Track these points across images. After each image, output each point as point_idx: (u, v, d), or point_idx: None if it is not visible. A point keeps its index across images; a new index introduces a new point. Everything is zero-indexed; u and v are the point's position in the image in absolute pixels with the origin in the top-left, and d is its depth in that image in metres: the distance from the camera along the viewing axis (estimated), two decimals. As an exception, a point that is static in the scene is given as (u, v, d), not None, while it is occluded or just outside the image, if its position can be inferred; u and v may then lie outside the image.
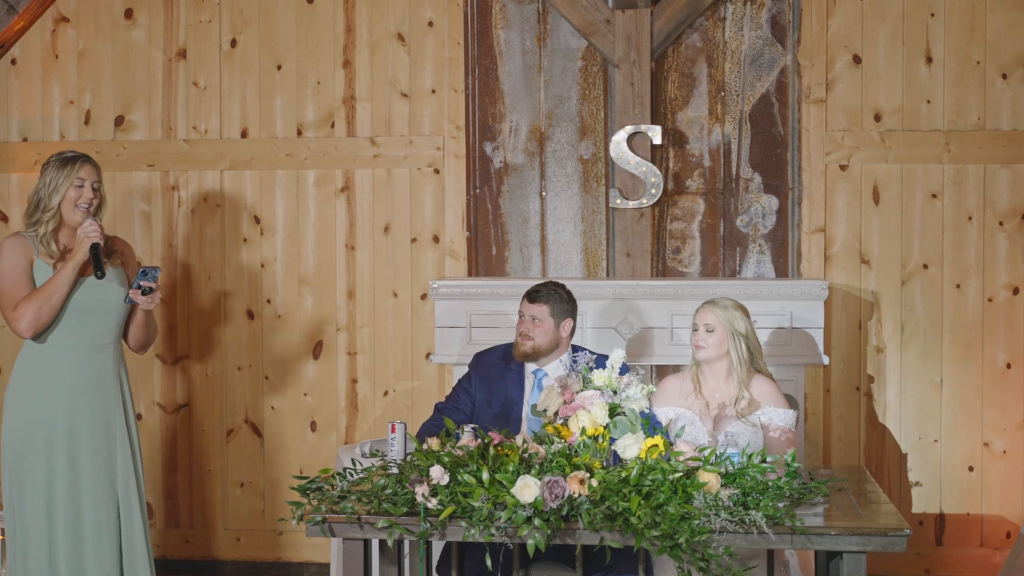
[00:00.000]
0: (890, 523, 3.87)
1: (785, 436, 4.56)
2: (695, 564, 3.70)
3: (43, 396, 4.60)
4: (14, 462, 4.61)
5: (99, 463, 4.63)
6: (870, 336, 5.95)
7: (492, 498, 3.79)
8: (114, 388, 4.71)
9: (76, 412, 4.62)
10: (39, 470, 4.58)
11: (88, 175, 4.64)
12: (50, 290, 4.52)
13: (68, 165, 4.62)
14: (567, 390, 4.19)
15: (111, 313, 4.69)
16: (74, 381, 4.62)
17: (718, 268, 6.03)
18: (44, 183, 4.62)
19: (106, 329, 4.69)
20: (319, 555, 6.18)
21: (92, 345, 4.66)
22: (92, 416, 4.64)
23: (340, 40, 6.16)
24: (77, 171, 4.62)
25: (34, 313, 4.52)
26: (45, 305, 4.52)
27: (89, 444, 4.62)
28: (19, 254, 4.58)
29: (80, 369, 4.64)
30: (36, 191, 4.64)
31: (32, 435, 4.58)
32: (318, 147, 6.17)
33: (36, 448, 4.58)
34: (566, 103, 6.08)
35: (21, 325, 4.53)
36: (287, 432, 6.23)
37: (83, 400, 4.63)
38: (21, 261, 4.58)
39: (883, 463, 5.97)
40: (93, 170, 4.67)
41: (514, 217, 6.11)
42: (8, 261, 4.58)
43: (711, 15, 5.99)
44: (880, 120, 5.92)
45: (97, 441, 4.64)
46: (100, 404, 4.66)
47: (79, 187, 4.62)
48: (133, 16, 6.24)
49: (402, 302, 6.16)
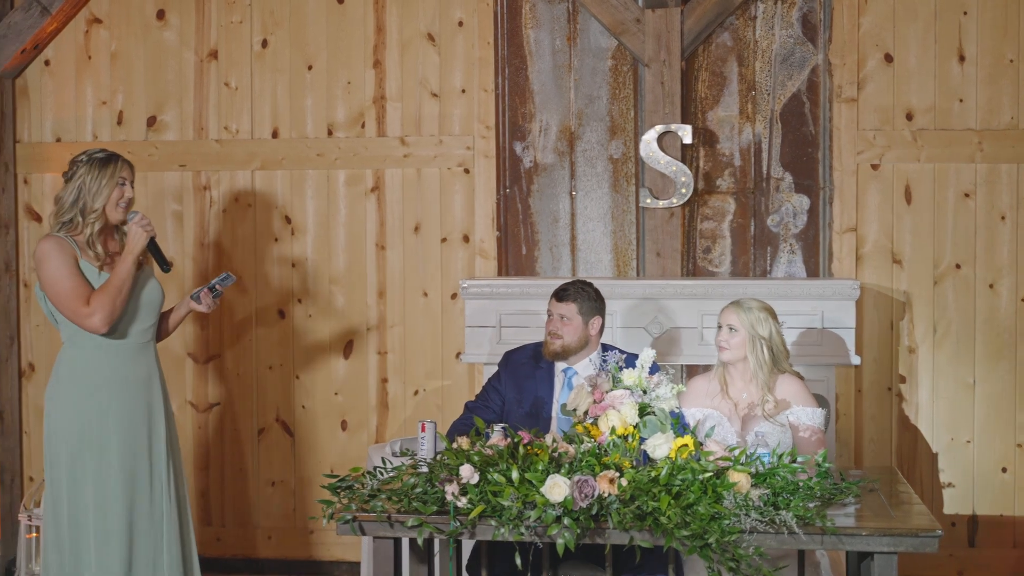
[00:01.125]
0: (922, 524, 3.85)
1: (815, 436, 4.53)
2: (725, 564, 3.69)
3: (92, 395, 4.59)
4: (67, 463, 4.59)
5: (144, 461, 4.65)
6: (902, 336, 5.92)
7: (522, 497, 3.79)
8: (157, 385, 4.74)
9: (124, 410, 4.62)
10: (91, 470, 4.58)
11: (128, 174, 4.66)
12: (117, 283, 4.52)
13: (110, 165, 4.60)
14: (597, 389, 4.19)
15: (152, 311, 4.73)
16: (122, 378, 4.63)
17: (748, 268, 6.01)
18: (83, 184, 4.58)
19: (148, 327, 4.72)
20: (350, 553, 6.20)
21: (137, 343, 4.69)
22: (139, 413, 4.65)
23: (370, 40, 6.18)
24: (119, 171, 4.63)
25: (109, 307, 4.50)
26: (118, 298, 4.52)
27: (137, 442, 4.64)
28: (66, 253, 4.55)
29: (126, 367, 4.65)
30: (74, 192, 4.59)
31: (85, 435, 4.58)
32: (348, 147, 6.19)
33: (89, 448, 4.58)
34: (596, 102, 6.07)
35: (94, 320, 4.51)
36: (318, 431, 6.25)
37: (130, 398, 4.64)
38: (70, 260, 4.54)
39: (915, 464, 5.94)
40: (130, 169, 4.69)
41: (544, 217, 6.11)
42: (59, 262, 4.53)
43: (742, 14, 5.97)
44: (912, 119, 5.89)
45: (142, 438, 4.65)
46: (144, 401, 4.68)
47: (121, 186, 4.63)
48: (165, 17, 6.28)
49: (432, 301, 6.17)
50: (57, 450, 4.61)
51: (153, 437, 4.69)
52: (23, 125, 6.36)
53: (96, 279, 4.57)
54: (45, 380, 6.32)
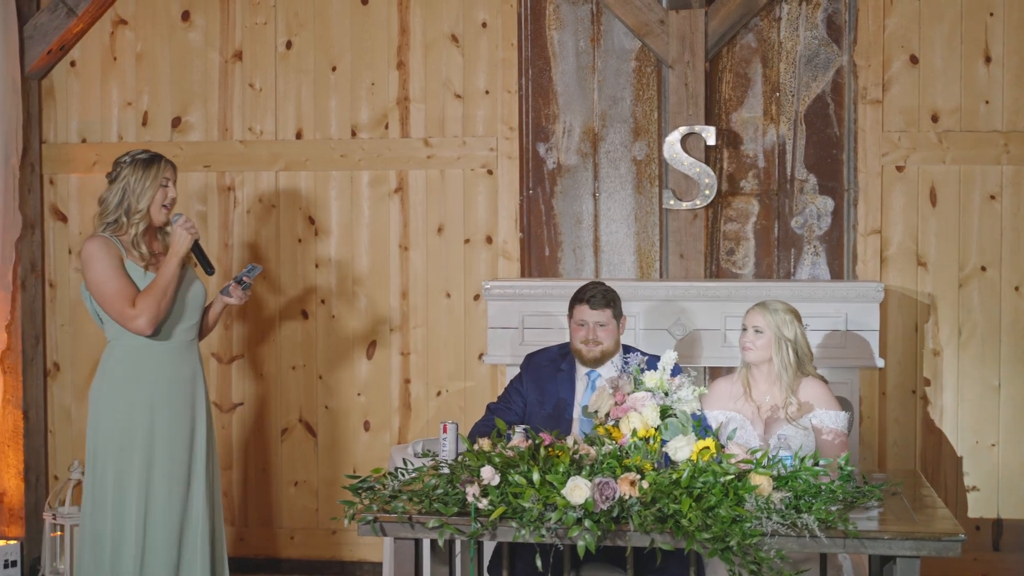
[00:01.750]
0: (945, 528, 3.82)
1: (838, 439, 4.51)
2: (746, 567, 3.68)
3: (138, 394, 4.64)
4: (113, 461, 4.63)
5: (184, 459, 4.69)
6: (926, 339, 5.89)
7: (542, 499, 3.79)
8: (200, 384, 4.79)
9: (169, 408, 4.67)
10: (137, 468, 4.62)
11: (171, 175, 4.70)
12: (163, 285, 4.56)
13: (153, 166, 4.64)
14: (618, 391, 4.18)
15: (196, 310, 4.77)
16: (167, 377, 4.68)
17: (772, 270, 5.99)
18: (127, 185, 4.61)
19: (192, 325, 4.77)
20: (372, 554, 6.21)
21: (182, 342, 4.73)
22: (183, 412, 4.70)
23: (394, 41, 6.19)
24: (163, 171, 4.66)
25: (155, 309, 4.55)
26: (163, 300, 4.56)
27: (180, 441, 4.69)
28: (111, 255, 4.58)
29: (172, 365, 4.70)
30: (118, 193, 4.62)
31: (131, 433, 4.62)
32: (372, 148, 6.20)
33: (135, 446, 4.62)
34: (619, 104, 6.07)
35: (140, 322, 4.55)
36: (341, 431, 6.27)
37: (175, 396, 4.69)
38: (116, 261, 4.58)
39: (939, 467, 5.91)
40: (173, 170, 4.73)
41: (567, 218, 6.11)
42: (106, 263, 4.57)
43: (766, 15, 5.95)
44: (937, 121, 5.86)
45: (184, 437, 4.70)
46: (189, 400, 4.73)
47: (164, 187, 4.67)
48: (190, 18, 6.31)
49: (455, 303, 6.18)
50: (103, 448, 4.65)
51: (195, 436, 4.73)
52: (49, 126, 6.40)
53: (142, 279, 4.61)
54: (70, 380, 6.37)
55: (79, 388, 6.39)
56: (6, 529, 6.26)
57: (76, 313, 6.38)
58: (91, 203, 6.34)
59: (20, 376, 6.25)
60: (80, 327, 6.39)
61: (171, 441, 4.66)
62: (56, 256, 6.40)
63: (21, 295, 6.24)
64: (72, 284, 6.39)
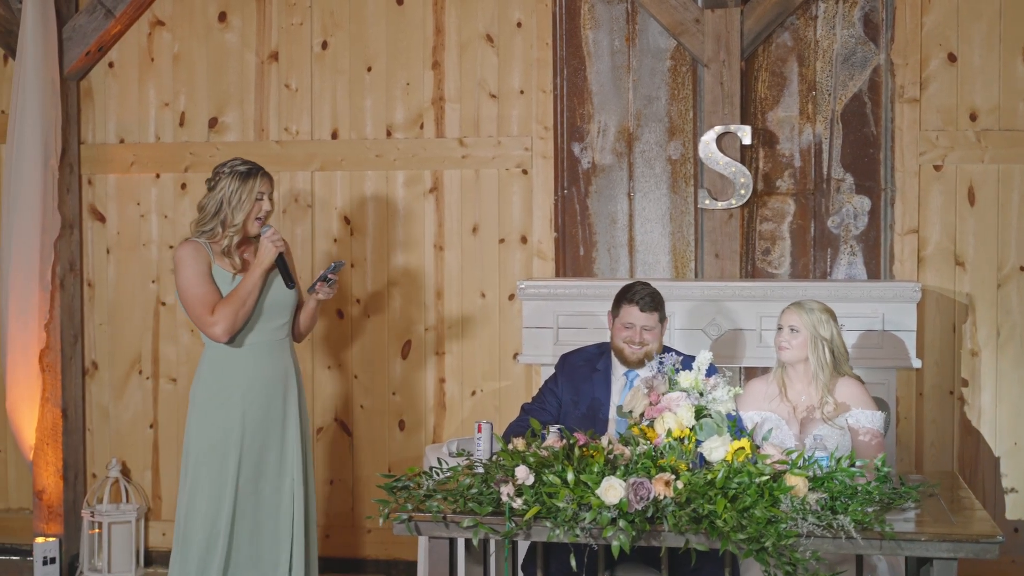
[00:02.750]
0: (983, 530, 3.80)
1: (875, 440, 4.49)
2: (782, 568, 3.66)
3: (240, 393, 4.72)
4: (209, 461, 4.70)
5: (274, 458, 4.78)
6: (964, 339, 5.84)
7: (577, 499, 3.79)
8: (293, 382, 4.86)
9: (265, 406, 4.75)
10: (232, 468, 4.70)
11: (267, 188, 4.76)
12: (243, 295, 4.65)
13: (250, 180, 4.72)
14: (653, 391, 4.18)
15: (286, 309, 4.84)
16: (264, 376, 4.76)
17: (808, 270, 5.96)
18: (225, 196, 4.69)
19: (282, 324, 4.84)
20: (407, 553, 6.22)
21: (272, 341, 4.80)
22: (275, 412, 4.78)
23: (429, 41, 6.20)
24: (259, 185, 4.74)
25: (232, 318, 4.64)
26: (241, 310, 4.65)
27: (270, 440, 4.76)
28: (200, 261, 4.68)
29: (264, 365, 4.77)
30: (216, 203, 4.70)
31: (228, 434, 4.70)
32: (407, 148, 6.21)
33: (231, 446, 4.70)
34: (655, 103, 6.05)
35: (218, 329, 4.64)
36: (376, 431, 6.28)
37: (267, 396, 4.77)
38: (203, 267, 4.68)
39: (977, 469, 5.86)
40: (270, 182, 4.80)
41: (602, 218, 6.10)
42: (193, 269, 4.67)
43: (802, 13, 5.92)
44: (976, 119, 5.81)
45: (275, 436, 4.78)
46: (280, 399, 4.81)
47: (259, 200, 4.74)
48: (226, 19, 6.34)
49: (490, 302, 6.18)
50: (196, 449, 4.73)
51: (286, 434, 4.79)
52: (87, 126, 6.46)
53: (229, 284, 4.71)
54: (108, 378, 6.43)
55: (117, 387, 6.45)
56: (45, 526, 6.31)
57: (114, 312, 6.44)
58: (129, 203, 6.40)
59: (59, 375, 6.31)
60: (118, 326, 6.44)
61: (263, 440, 4.75)
62: (94, 256, 6.46)
63: (60, 294, 6.29)
64: (109, 283, 6.45)
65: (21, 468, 6.53)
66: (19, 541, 6.53)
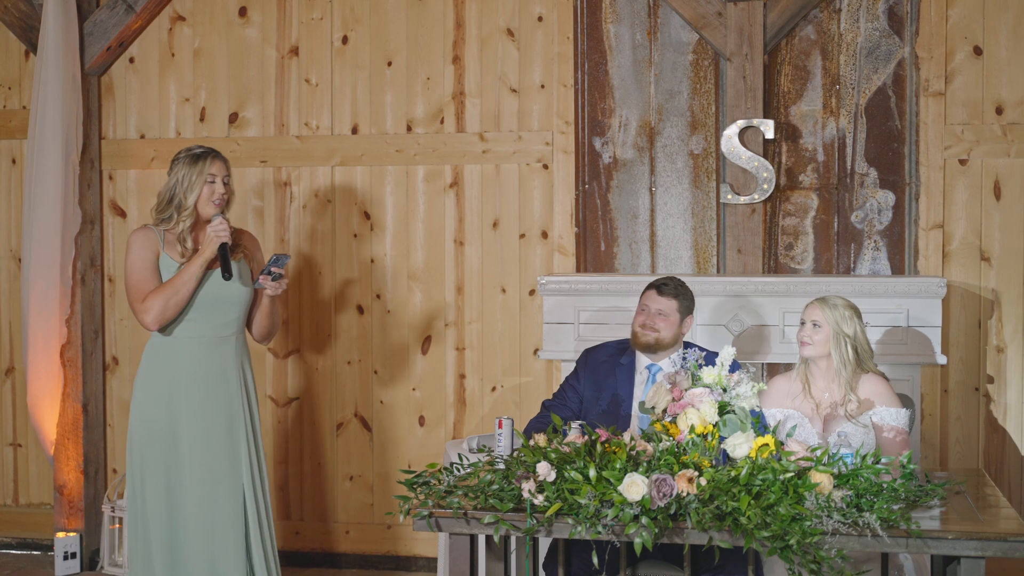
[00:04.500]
0: (1010, 528, 3.76)
1: (899, 437, 4.45)
2: (806, 566, 3.63)
3: (167, 386, 4.70)
4: (139, 451, 4.71)
5: (221, 454, 4.72)
6: (990, 335, 5.79)
7: (599, 495, 3.76)
8: (236, 379, 4.80)
9: (198, 402, 4.71)
10: (161, 459, 4.68)
11: (219, 170, 4.73)
12: (177, 285, 4.62)
13: (200, 162, 4.70)
14: (676, 387, 4.15)
15: (233, 305, 4.79)
16: (197, 371, 4.72)
17: (832, 265, 5.91)
18: (177, 180, 4.69)
19: (228, 321, 4.79)
20: (427, 549, 6.21)
21: (215, 336, 4.76)
22: (214, 406, 4.73)
23: (450, 36, 6.18)
24: (208, 167, 4.70)
25: (161, 307, 4.62)
26: (172, 299, 4.62)
27: (212, 434, 4.72)
28: (147, 247, 4.69)
29: (203, 359, 4.73)
30: (170, 188, 4.70)
31: (156, 424, 4.69)
32: (427, 143, 6.19)
33: (160, 437, 4.68)
34: (676, 97, 6.01)
35: (147, 317, 4.64)
36: (396, 426, 6.27)
37: (205, 390, 4.73)
38: (148, 255, 4.68)
39: (1003, 466, 5.81)
40: (223, 165, 4.75)
41: (623, 213, 6.07)
42: (136, 255, 4.68)
43: (826, 6, 5.87)
44: (1002, 113, 5.76)
45: (219, 431, 4.73)
46: (222, 394, 4.76)
47: (211, 183, 4.70)
48: (247, 14, 6.33)
49: (510, 298, 6.15)
50: (136, 439, 4.73)
51: (233, 430, 4.74)
52: (108, 122, 6.46)
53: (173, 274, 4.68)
54: (129, 374, 6.43)
55: (137, 382, 6.45)
56: (66, 521, 6.32)
57: (134, 308, 6.44)
58: (150, 198, 6.39)
59: (80, 370, 6.32)
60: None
61: (205, 440, 4.70)
62: (115, 251, 6.46)
63: (81, 290, 6.30)
64: (130, 279, 6.45)
65: (42, 463, 6.54)
66: (40, 536, 6.55)
